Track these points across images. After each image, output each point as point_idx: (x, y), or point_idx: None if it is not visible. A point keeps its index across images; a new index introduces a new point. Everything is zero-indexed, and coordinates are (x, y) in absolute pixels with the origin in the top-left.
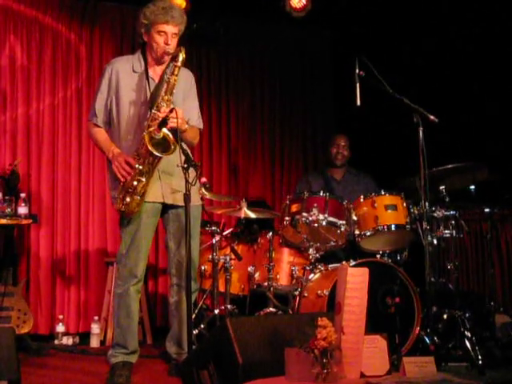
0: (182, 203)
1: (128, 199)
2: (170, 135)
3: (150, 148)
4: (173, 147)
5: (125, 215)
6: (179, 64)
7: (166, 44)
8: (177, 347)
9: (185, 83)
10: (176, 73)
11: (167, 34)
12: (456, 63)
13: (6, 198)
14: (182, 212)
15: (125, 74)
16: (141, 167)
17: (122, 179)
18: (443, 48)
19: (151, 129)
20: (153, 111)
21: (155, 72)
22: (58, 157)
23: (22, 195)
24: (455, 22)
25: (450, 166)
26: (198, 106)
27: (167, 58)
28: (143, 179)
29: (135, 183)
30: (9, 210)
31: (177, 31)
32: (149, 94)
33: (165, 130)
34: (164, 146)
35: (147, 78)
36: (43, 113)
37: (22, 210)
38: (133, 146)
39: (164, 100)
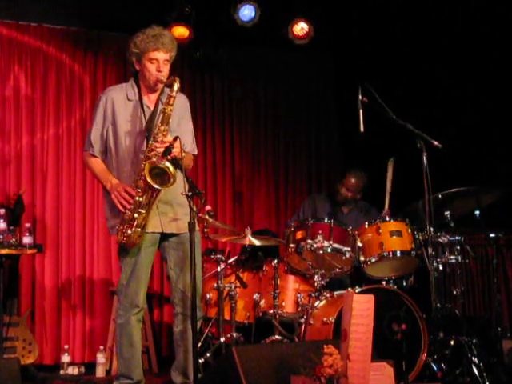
0: (183, 231)
1: (129, 231)
2: (171, 168)
3: (149, 180)
4: (172, 180)
5: (125, 247)
6: (174, 94)
7: (159, 71)
8: (182, 377)
9: (179, 108)
10: (171, 103)
11: (159, 61)
12: (460, 85)
13: (11, 227)
14: (183, 239)
15: (119, 103)
16: (141, 199)
17: (122, 209)
18: (447, 71)
19: (152, 159)
20: (150, 142)
21: (149, 100)
22: (62, 186)
23: (27, 225)
24: (458, 46)
25: (453, 190)
26: (192, 130)
27: (160, 86)
28: (143, 211)
29: (136, 215)
30: (13, 239)
31: (168, 57)
32: (144, 123)
33: (166, 162)
34: (163, 178)
35: (142, 106)
36: (47, 142)
37: (27, 239)
38: (130, 177)
39: (160, 131)
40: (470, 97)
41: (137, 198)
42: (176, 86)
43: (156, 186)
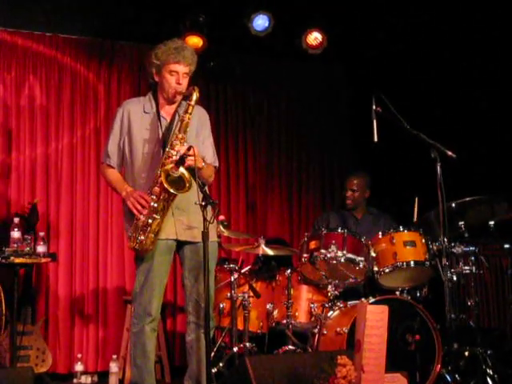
0: (198, 239)
1: (142, 237)
2: (186, 174)
3: (165, 185)
4: (188, 185)
5: (139, 253)
6: (193, 103)
7: (178, 84)
8: None
9: (198, 120)
10: (190, 111)
11: (179, 74)
12: (473, 95)
13: (25, 236)
14: (199, 248)
15: (136, 115)
16: (155, 205)
17: (138, 214)
18: (460, 81)
19: (167, 167)
20: (167, 149)
21: (167, 111)
22: (76, 195)
23: (41, 234)
24: (471, 56)
25: (467, 198)
26: (212, 143)
27: (179, 98)
28: (158, 217)
29: (150, 221)
30: (28, 248)
31: (188, 71)
32: (161, 133)
33: (181, 169)
34: (179, 184)
35: (159, 118)
36: (62, 152)
37: (41, 248)
38: (146, 185)
39: (178, 138)
40: (484, 105)
41: (152, 204)
42: (195, 95)
43: (172, 191)
